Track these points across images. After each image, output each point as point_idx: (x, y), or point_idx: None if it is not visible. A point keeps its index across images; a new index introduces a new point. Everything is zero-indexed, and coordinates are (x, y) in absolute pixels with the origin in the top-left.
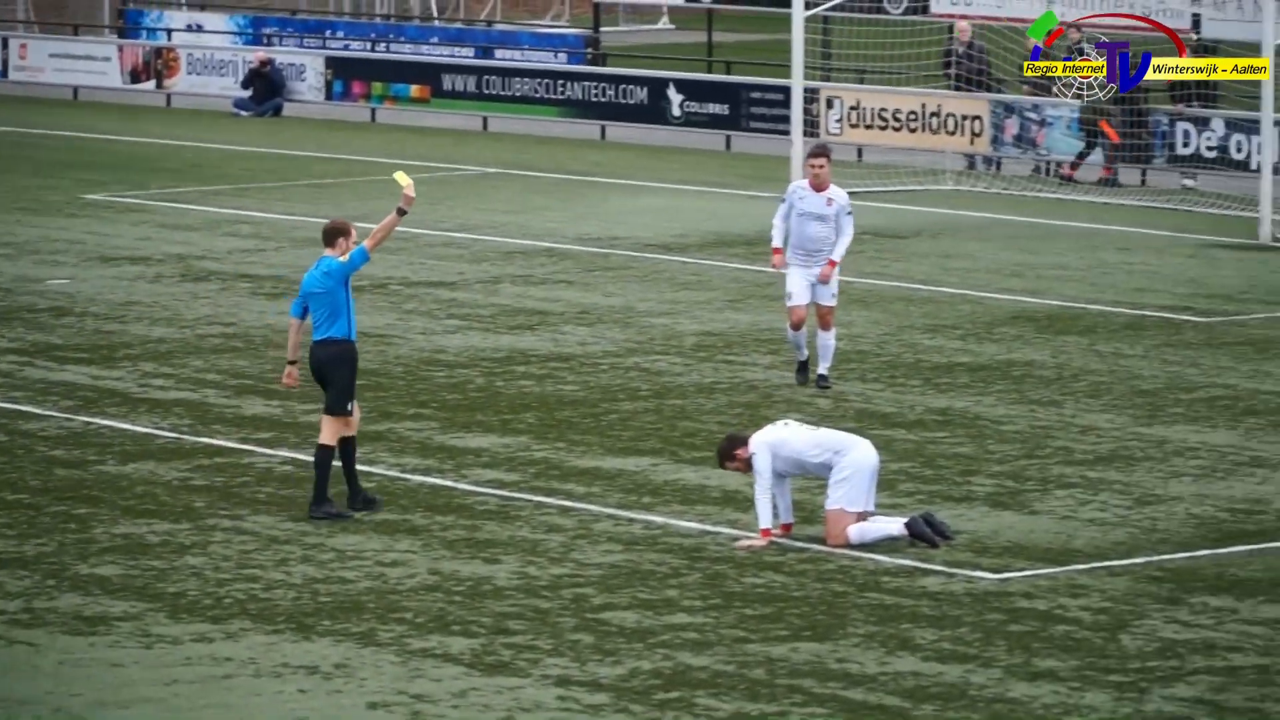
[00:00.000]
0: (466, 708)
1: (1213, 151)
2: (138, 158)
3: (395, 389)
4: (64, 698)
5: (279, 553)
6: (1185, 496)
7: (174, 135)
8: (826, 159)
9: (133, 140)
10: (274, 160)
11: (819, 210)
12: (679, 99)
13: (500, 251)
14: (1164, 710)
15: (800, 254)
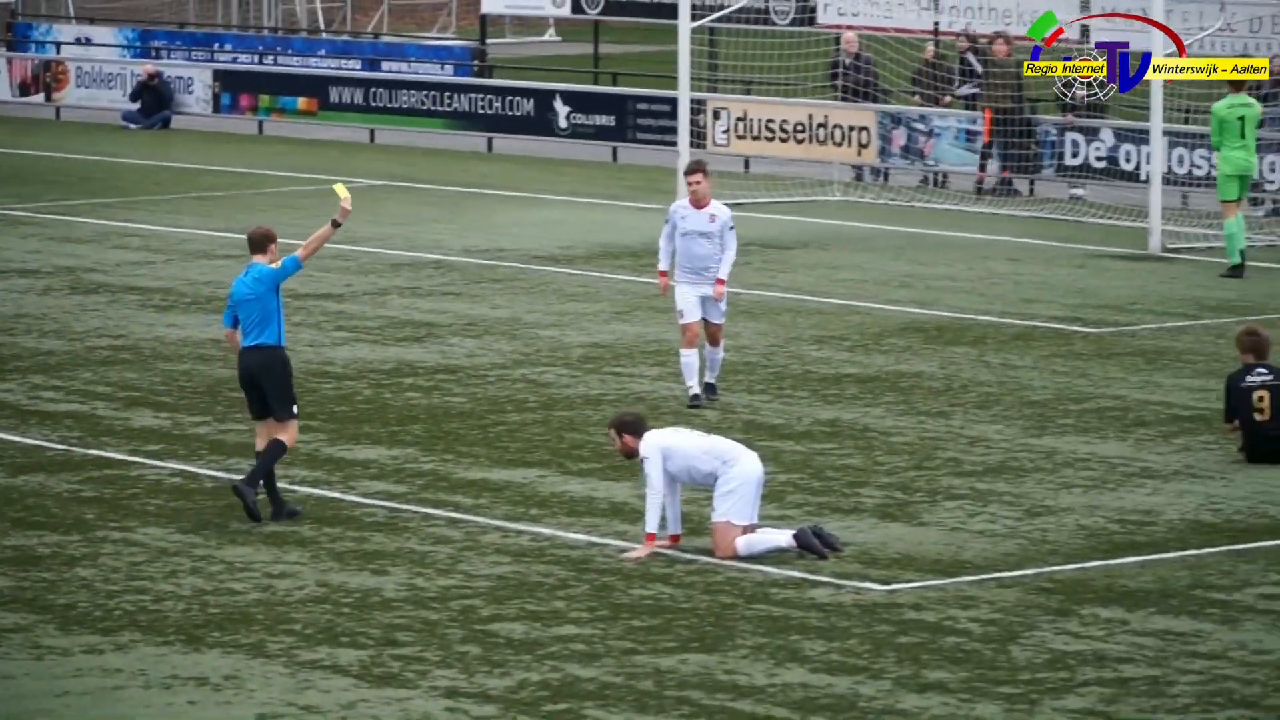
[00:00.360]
0: (356, 719)
1: (1102, 161)
2: (27, 170)
3: None
4: None
5: (168, 564)
6: (1075, 508)
7: (63, 148)
8: (703, 174)
9: (22, 153)
10: (163, 173)
11: (703, 228)
12: (565, 111)
13: (387, 264)
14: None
15: (688, 272)
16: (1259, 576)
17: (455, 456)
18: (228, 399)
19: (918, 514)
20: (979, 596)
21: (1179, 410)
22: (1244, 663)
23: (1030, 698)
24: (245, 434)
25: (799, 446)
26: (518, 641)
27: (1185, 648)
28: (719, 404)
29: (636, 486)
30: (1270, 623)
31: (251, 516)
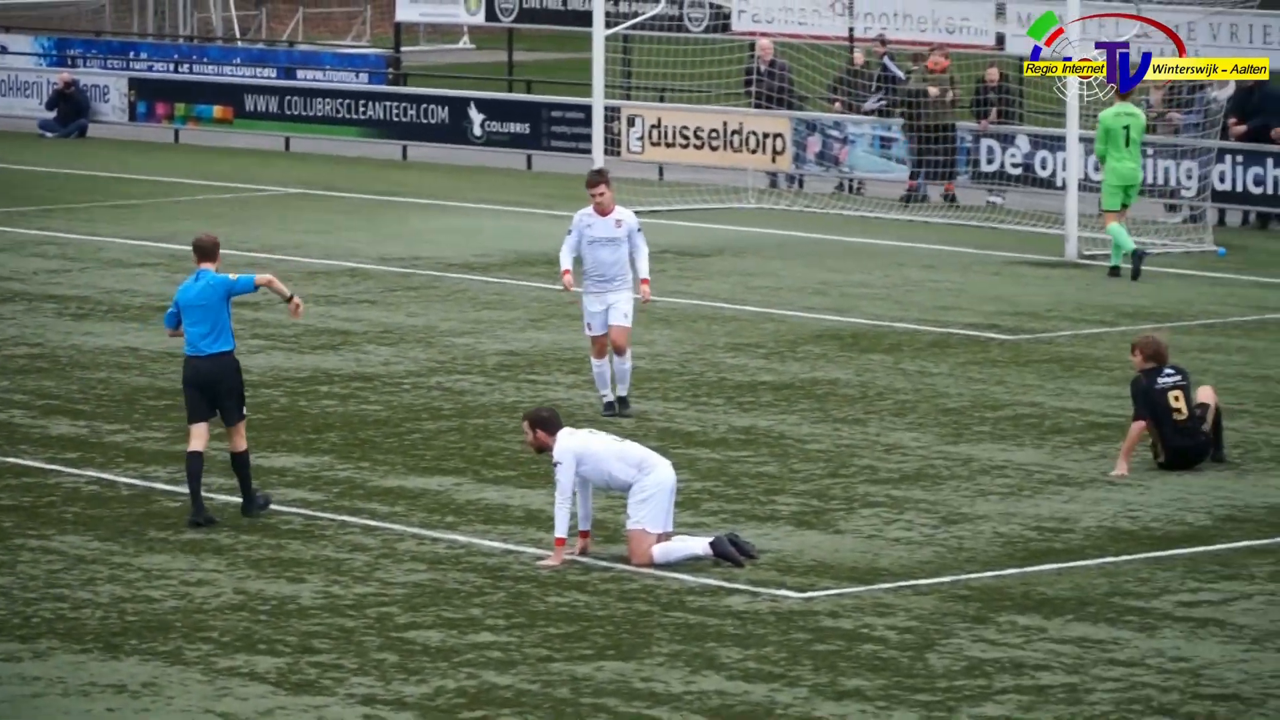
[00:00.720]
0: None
1: (1018, 168)
2: None
3: None
4: None
5: (86, 572)
6: (992, 515)
7: None
8: (604, 184)
9: None
10: (79, 181)
11: (609, 234)
12: (480, 118)
13: (303, 272)
14: None
15: (596, 281)
16: (1176, 584)
17: (371, 464)
18: (145, 407)
19: (834, 522)
20: (896, 604)
21: (1096, 417)
22: (1161, 670)
23: (948, 705)
24: (162, 441)
25: (714, 454)
26: (434, 649)
27: (1103, 655)
28: (634, 412)
29: (552, 493)
30: (1188, 630)
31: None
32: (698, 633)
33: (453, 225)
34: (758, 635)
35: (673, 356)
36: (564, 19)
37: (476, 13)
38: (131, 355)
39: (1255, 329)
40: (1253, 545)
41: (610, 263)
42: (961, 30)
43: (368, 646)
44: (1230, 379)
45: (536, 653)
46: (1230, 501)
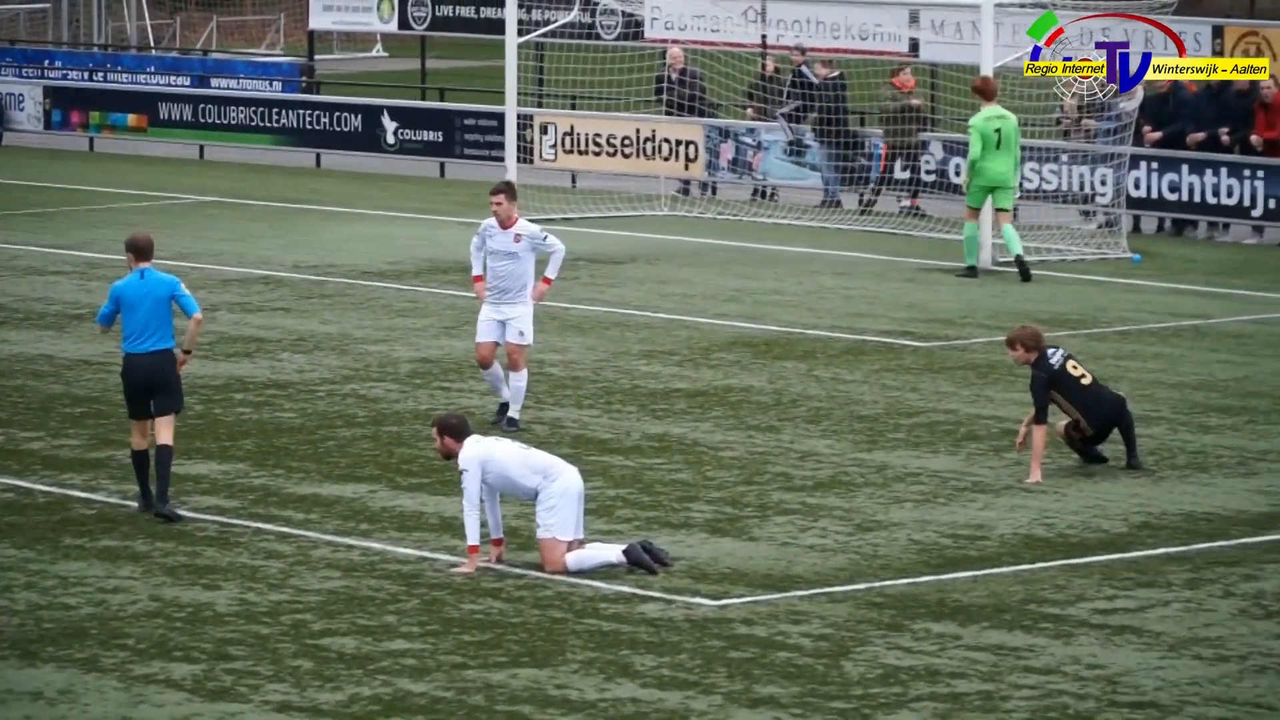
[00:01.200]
0: None
1: (931, 175)
2: None
3: (116, 416)
4: None
5: (2, 579)
6: (906, 522)
7: None
8: (504, 194)
9: None
10: None
11: (507, 248)
12: (393, 126)
13: (217, 279)
14: None
15: (493, 291)
16: (1092, 591)
17: (286, 471)
18: (61, 414)
19: (748, 529)
20: (810, 611)
21: (1010, 424)
22: (1078, 677)
23: (863, 713)
24: (78, 449)
25: (628, 461)
26: (349, 656)
27: (1019, 662)
28: (548, 419)
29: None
30: (1104, 637)
31: (172, 519)
32: (612, 640)
33: (366, 233)
34: (672, 643)
35: (586, 364)
36: (476, 27)
37: (389, 21)
38: (47, 363)
39: (1170, 335)
40: (1169, 552)
41: (506, 275)
42: (875, 36)
43: (283, 653)
44: (1145, 386)
45: (451, 660)
46: (1146, 509)
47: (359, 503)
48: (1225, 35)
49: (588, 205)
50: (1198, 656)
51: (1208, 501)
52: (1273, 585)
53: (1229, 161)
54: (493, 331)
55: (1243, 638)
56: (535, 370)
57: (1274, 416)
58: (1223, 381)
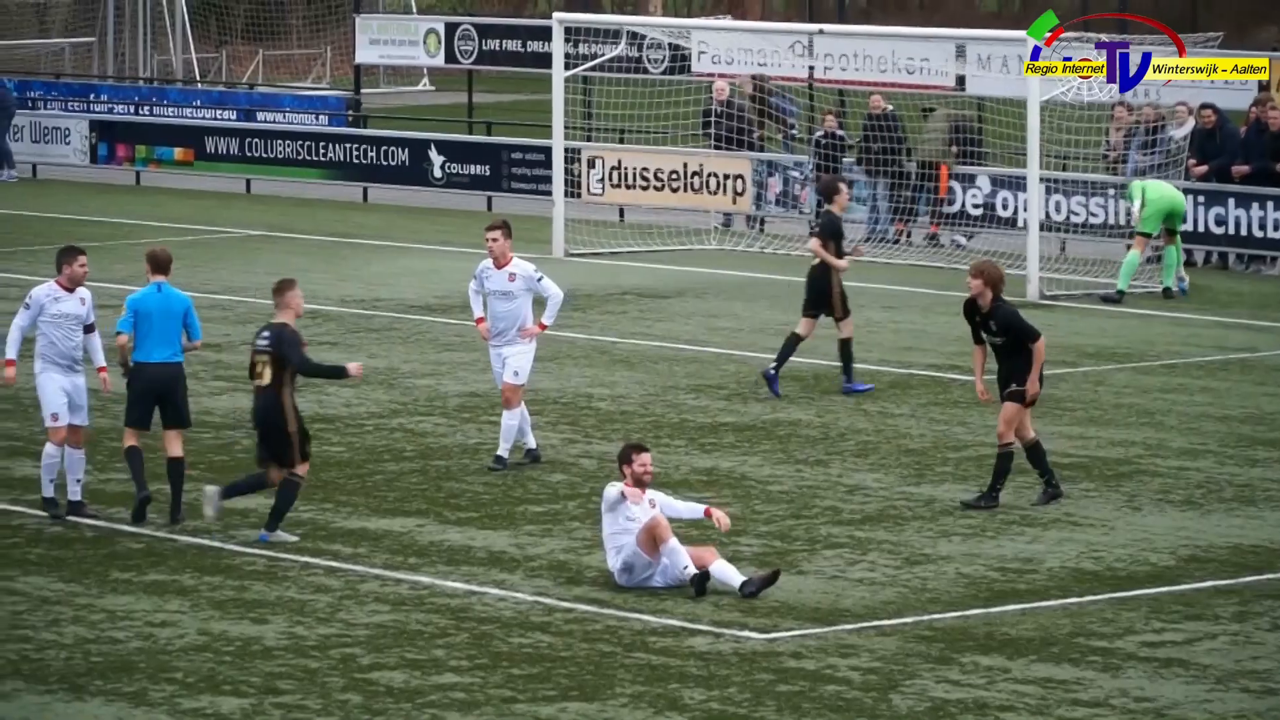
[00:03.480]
0: None
1: (979, 209)
2: None
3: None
4: None
5: (50, 613)
6: (955, 556)
7: None
8: (501, 231)
9: None
10: (40, 223)
11: (502, 288)
12: (440, 160)
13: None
14: None
15: (493, 334)
16: (1140, 624)
17: (334, 505)
18: (107, 449)
19: (796, 562)
20: (859, 645)
21: (1058, 458)
22: (1126, 710)
23: None
24: (125, 483)
25: (677, 496)
26: (398, 690)
27: (1067, 695)
28: (595, 453)
29: (515, 536)
30: (1152, 670)
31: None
32: (661, 674)
33: (413, 267)
34: (721, 676)
35: (634, 398)
36: (523, 60)
37: (436, 55)
38: (93, 397)
39: (1218, 369)
40: (1217, 585)
41: (502, 314)
42: (921, 71)
43: (331, 688)
44: (1193, 419)
45: (500, 694)
46: (1193, 541)
47: (407, 536)
48: (1276, 68)
49: (635, 239)
50: (1245, 689)
51: (1255, 534)
52: None
53: (1276, 195)
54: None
55: None
56: (584, 404)
57: None
58: (1270, 414)
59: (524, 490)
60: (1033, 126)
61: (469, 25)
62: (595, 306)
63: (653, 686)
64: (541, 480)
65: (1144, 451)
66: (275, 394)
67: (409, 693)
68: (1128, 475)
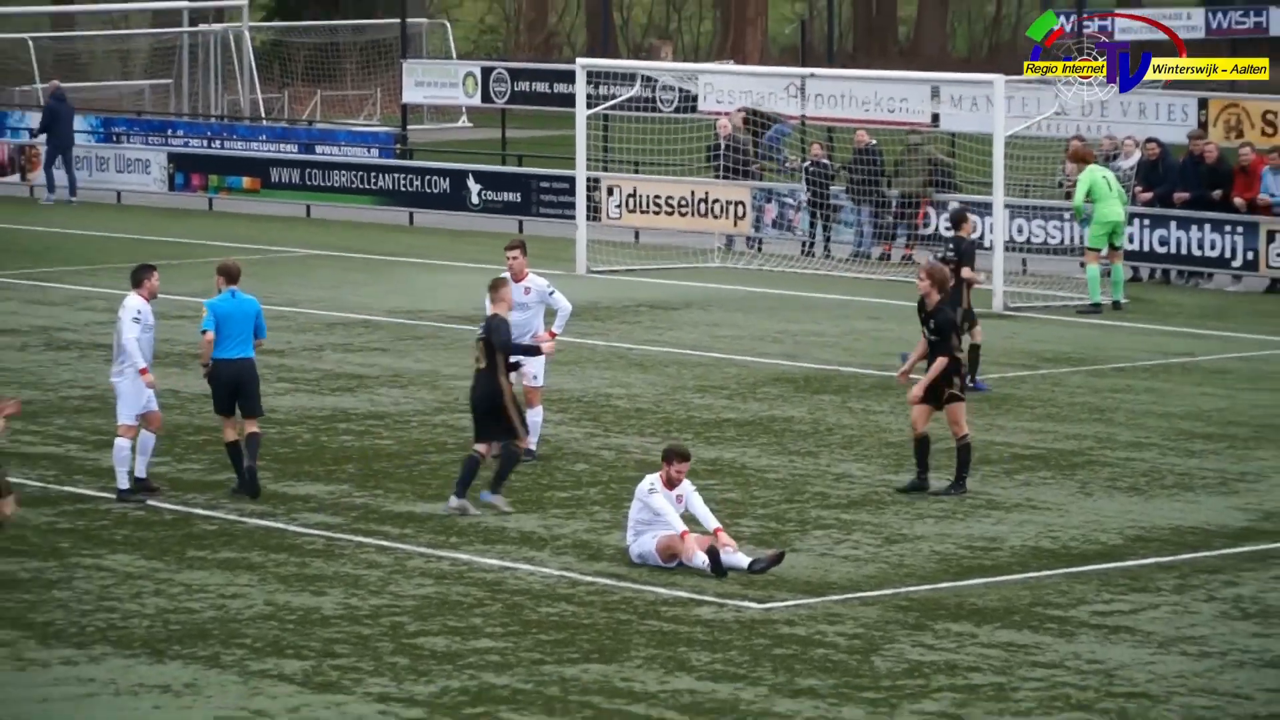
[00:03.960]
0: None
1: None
2: (5, 241)
3: None
4: None
5: (134, 587)
6: (929, 536)
7: (36, 222)
8: (518, 250)
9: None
10: (123, 244)
11: (519, 299)
12: (477, 188)
13: (322, 323)
14: None
15: None
16: (1091, 595)
17: (384, 492)
18: (185, 442)
19: (790, 541)
20: (844, 613)
21: (1019, 450)
22: (1079, 670)
23: (890, 702)
24: (200, 471)
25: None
26: (440, 653)
27: (1027, 658)
28: (613, 445)
29: (543, 518)
30: (1102, 636)
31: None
32: (671, 639)
33: (454, 282)
34: (723, 641)
35: (647, 397)
36: (550, 100)
37: (474, 95)
38: (173, 397)
39: (1160, 372)
40: (1159, 561)
41: (518, 323)
42: (900, 109)
43: (382, 651)
44: (1139, 416)
45: (530, 656)
46: (1138, 523)
47: (449, 519)
48: (1210, 106)
49: (649, 258)
50: (1184, 653)
51: (1193, 517)
52: (1250, 590)
53: (1212, 218)
54: (515, 379)
55: (1223, 636)
56: (603, 402)
57: (1252, 443)
58: (1206, 412)
59: (551, 478)
60: (998, 158)
61: (503, 69)
62: (613, 317)
63: (664, 650)
64: (566, 470)
65: (1095, 444)
66: (491, 375)
67: (450, 656)
68: (1081, 465)
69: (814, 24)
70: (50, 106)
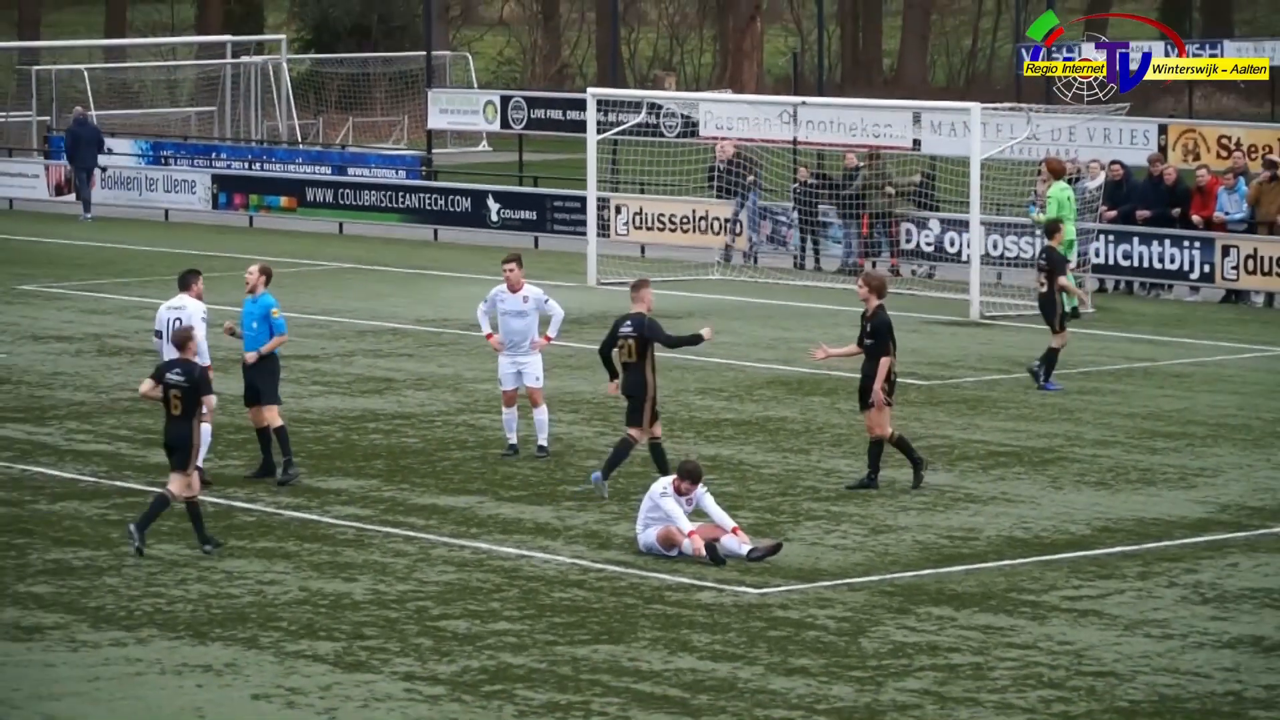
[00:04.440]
0: (331, 698)
1: (930, 246)
2: (61, 256)
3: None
4: (6, 692)
5: (179, 574)
6: (912, 526)
7: (90, 238)
8: (515, 263)
9: (58, 241)
10: (171, 258)
11: (517, 308)
12: (496, 207)
13: (354, 331)
14: (897, 700)
15: (506, 345)
16: (1062, 581)
17: (410, 486)
18: (226, 440)
19: (784, 531)
20: (834, 598)
21: (995, 447)
22: (1051, 651)
23: (877, 680)
24: (240, 468)
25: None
26: (462, 635)
27: (1003, 639)
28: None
29: (556, 510)
30: (1072, 619)
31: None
32: (674, 621)
33: (475, 293)
34: (722, 623)
35: None
36: (564, 126)
37: (493, 121)
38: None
39: (1124, 375)
40: (1124, 550)
41: (517, 330)
42: (885, 135)
43: (408, 633)
44: (1105, 416)
45: (545, 638)
46: (1105, 515)
47: (469, 511)
48: (1169, 131)
49: (654, 271)
50: (1148, 635)
51: (1155, 509)
52: (1208, 577)
53: (1171, 234)
54: (513, 380)
55: (1184, 620)
56: (611, 404)
57: (1209, 441)
58: (1167, 413)
59: (563, 474)
60: (974, 179)
61: (520, 98)
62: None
63: (668, 632)
64: (577, 465)
65: (1065, 442)
66: (641, 368)
67: (471, 637)
68: (1051, 461)
69: (805, 56)
70: (72, 130)
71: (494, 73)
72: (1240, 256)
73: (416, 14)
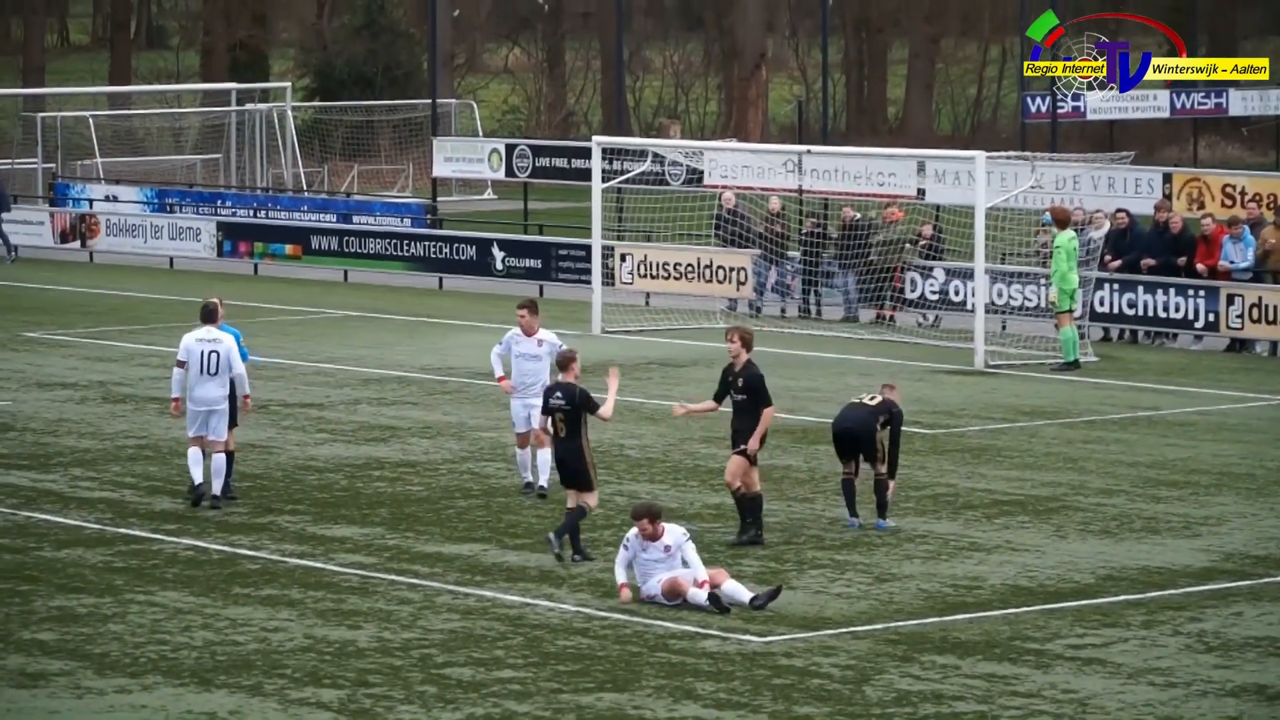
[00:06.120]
0: None
1: (935, 295)
2: (67, 303)
3: (275, 489)
4: None
5: (184, 621)
6: (916, 575)
7: (96, 285)
8: (528, 310)
9: (63, 289)
10: (176, 305)
11: (531, 351)
12: (501, 255)
13: (359, 379)
14: None
15: (519, 387)
16: (1066, 630)
17: (414, 534)
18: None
19: (788, 580)
20: (838, 646)
21: (999, 496)
22: (1055, 700)
23: None
24: (244, 515)
25: (691, 526)
26: (466, 682)
27: (1007, 688)
28: (626, 491)
29: (560, 558)
30: (1075, 667)
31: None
32: (679, 669)
33: (480, 341)
34: (727, 671)
35: (657, 448)
36: (569, 175)
37: (498, 169)
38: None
39: (1129, 424)
40: (1128, 599)
41: (531, 373)
42: (889, 184)
43: (412, 681)
44: (1109, 465)
45: (549, 686)
46: (1109, 564)
47: (474, 559)
48: (1174, 180)
49: (659, 320)
50: (1152, 683)
51: (1160, 558)
52: (1212, 625)
53: (1176, 283)
54: (524, 422)
55: (1188, 668)
56: (616, 453)
57: (1213, 490)
58: (1171, 461)
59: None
60: (979, 228)
61: (525, 146)
62: (626, 374)
63: (672, 680)
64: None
65: (1069, 490)
66: (575, 441)
67: (475, 685)
68: (1056, 510)
69: (810, 105)
70: None
71: (499, 121)
72: (1245, 305)
73: (421, 62)
